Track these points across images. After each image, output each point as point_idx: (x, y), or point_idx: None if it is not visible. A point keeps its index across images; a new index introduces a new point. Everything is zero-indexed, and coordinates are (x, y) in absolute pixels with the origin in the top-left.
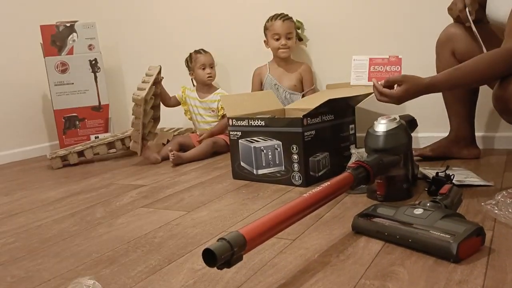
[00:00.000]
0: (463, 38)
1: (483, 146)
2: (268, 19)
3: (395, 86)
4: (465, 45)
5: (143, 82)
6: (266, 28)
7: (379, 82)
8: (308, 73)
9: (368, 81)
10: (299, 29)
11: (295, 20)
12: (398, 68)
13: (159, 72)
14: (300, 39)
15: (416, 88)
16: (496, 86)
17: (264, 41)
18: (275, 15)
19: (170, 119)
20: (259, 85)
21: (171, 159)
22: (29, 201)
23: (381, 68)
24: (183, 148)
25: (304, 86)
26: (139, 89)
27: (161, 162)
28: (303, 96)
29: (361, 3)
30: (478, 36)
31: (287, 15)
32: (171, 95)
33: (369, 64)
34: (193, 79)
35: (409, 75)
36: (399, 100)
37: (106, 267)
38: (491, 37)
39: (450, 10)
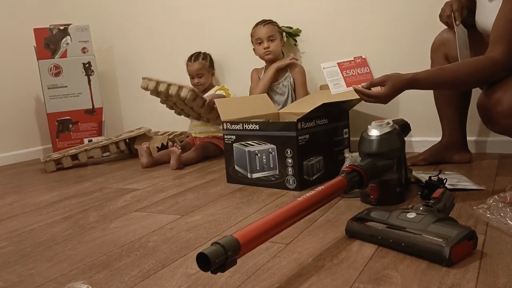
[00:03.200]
0: (455, 42)
1: (475, 151)
2: (252, 28)
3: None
4: None
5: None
6: (251, 36)
7: (362, 85)
8: (300, 74)
9: (347, 86)
10: (296, 35)
11: (293, 27)
12: (367, 69)
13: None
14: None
15: (401, 84)
16: (480, 95)
17: (253, 49)
18: (257, 22)
19: (164, 122)
20: (258, 80)
21: (177, 147)
22: (22, 205)
23: (353, 71)
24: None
25: (296, 87)
26: (174, 84)
27: (154, 166)
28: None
29: (356, 7)
30: (457, 43)
31: (269, 20)
32: None
33: (340, 69)
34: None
35: (391, 74)
36: (387, 98)
37: (99, 271)
38: (481, 42)
39: (440, 17)
